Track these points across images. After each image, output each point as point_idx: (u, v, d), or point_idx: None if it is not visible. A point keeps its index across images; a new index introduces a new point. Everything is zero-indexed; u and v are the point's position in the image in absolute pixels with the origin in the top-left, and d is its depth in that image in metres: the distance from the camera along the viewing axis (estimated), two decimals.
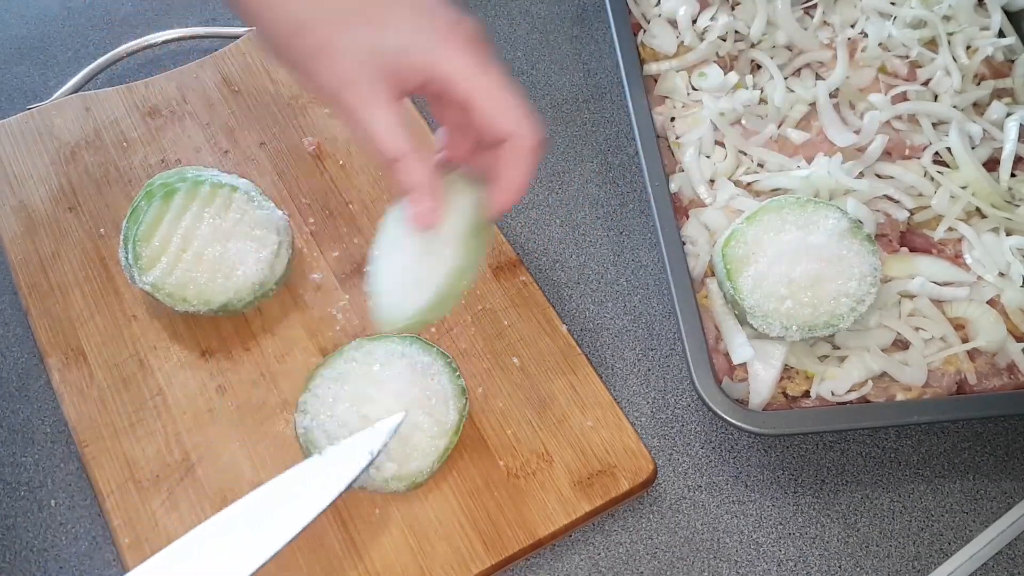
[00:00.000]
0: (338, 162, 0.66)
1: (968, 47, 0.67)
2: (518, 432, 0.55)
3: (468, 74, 0.44)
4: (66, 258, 0.61)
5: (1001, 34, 0.69)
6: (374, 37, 0.44)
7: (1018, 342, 0.56)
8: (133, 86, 0.69)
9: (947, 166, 0.63)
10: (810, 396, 0.55)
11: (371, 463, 0.48)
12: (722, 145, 0.64)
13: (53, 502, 0.55)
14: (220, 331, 0.58)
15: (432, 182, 0.46)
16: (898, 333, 0.56)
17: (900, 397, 0.54)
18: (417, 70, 0.44)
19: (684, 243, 0.59)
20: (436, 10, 0.45)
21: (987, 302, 0.57)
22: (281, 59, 0.47)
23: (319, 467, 0.49)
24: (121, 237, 0.56)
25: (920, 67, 0.66)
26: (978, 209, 0.61)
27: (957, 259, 0.59)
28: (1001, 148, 0.63)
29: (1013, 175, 0.62)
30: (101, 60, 0.72)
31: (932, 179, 0.62)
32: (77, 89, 0.71)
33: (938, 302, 0.58)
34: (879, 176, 0.63)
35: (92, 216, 0.63)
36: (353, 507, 0.52)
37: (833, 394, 0.54)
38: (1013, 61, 0.68)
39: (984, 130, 0.63)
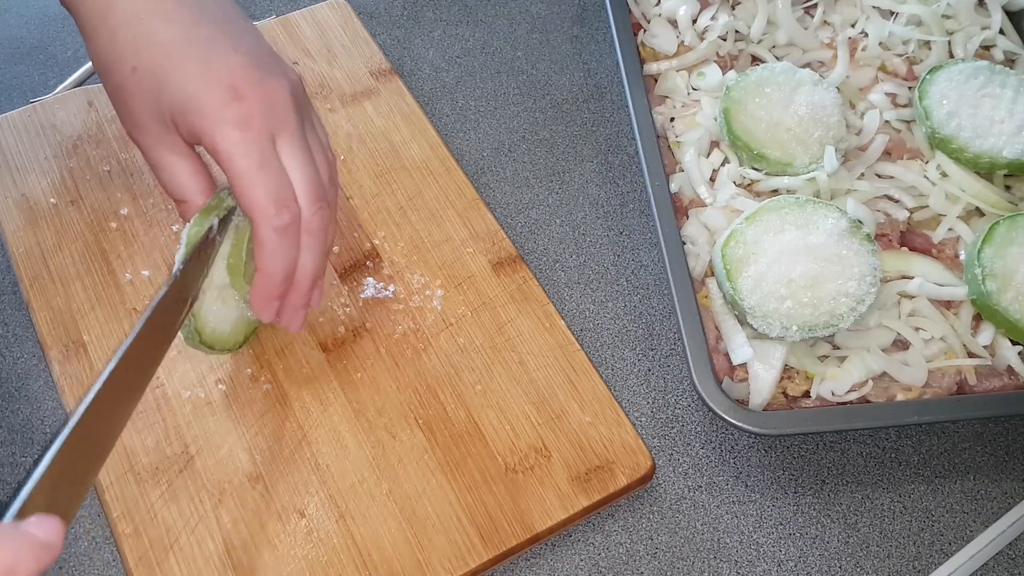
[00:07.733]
0: (339, 157, 0.66)
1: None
2: (516, 427, 0.55)
3: (227, 155, 0.45)
4: (67, 251, 0.61)
5: (1001, 33, 0.69)
6: (159, 87, 0.45)
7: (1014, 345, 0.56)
8: None
9: None
10: (810, 396, 0.55)
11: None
12: None
13: None
14: None
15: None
16: (898, 333, 0.56)
17: (900, 397, 0.54)
18: (192, 131, 0.46)
19: (684, 243, 0.59)
20: (235, 60, 0.46)
21: None
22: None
23: None
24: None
25: (916, 64, 0.67)
26: (978, 209, 0.61)
27: (956, 259, 0.59)
28: None
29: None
30: None
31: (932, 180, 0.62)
32: (77, 86, 0.71)
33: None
34: (879, 176, 0.63)
35: (94, 209, 0.63)
36: (350, 499, 0.52)
37: (833, 394, 0.54)
38: (1014, 61, 0.68)
39: None
